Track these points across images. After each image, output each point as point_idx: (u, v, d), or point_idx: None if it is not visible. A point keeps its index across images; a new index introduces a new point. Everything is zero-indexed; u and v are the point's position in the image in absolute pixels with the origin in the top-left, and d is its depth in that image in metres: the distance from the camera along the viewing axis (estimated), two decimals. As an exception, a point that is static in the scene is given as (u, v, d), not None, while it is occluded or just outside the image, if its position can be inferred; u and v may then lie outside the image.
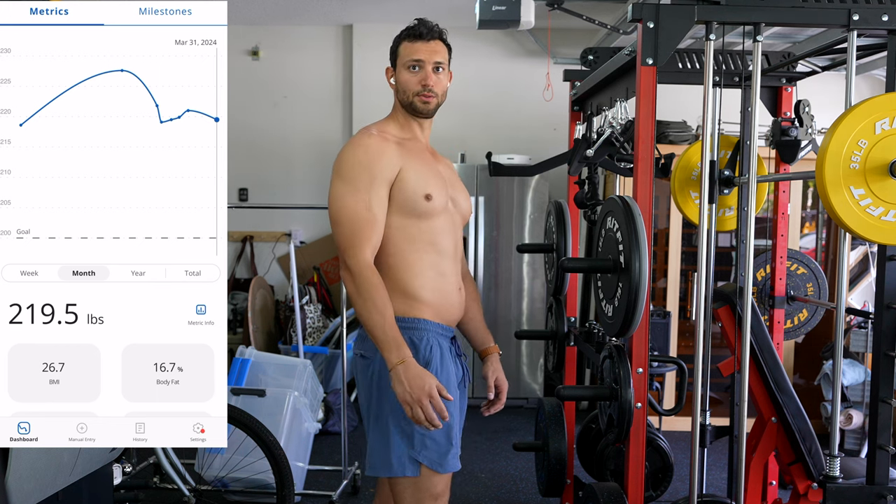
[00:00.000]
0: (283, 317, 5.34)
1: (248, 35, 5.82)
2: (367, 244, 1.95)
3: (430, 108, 2.09)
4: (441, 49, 2.09)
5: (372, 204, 1.97)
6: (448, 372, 2.04)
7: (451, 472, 2.04)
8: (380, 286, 1.93)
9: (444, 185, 2.08)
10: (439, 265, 2.05)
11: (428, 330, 2.03)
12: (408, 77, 2.07)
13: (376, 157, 1.99)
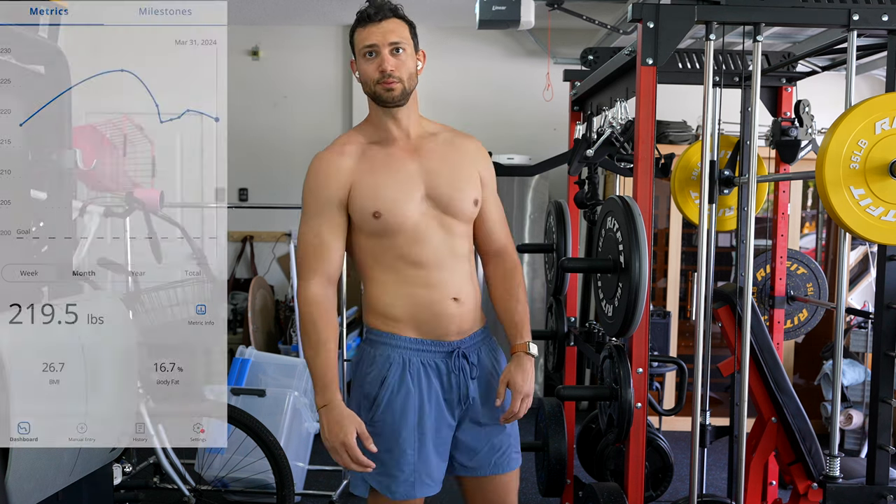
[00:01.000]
0: (283, 317, 5.34)
1: (248, 35, 5.81)
2: (311, 274, 1.91)
3: (395, 96, 1.89)
4: (397, 27, 1.89)
5: (322, 230, 1.91)
6: (408, 391, 1.91)
7: (408, 499, 1.92)
8: (318, 321, 1.88)
9: (411, 191, 1.91)
10: (416, 278, 1.91)
11: (394, 346, 1.93)
12: (365, 66, 1.91)
13: (323, 181, 1.93)
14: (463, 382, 1.97)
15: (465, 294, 1.96)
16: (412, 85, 1.94)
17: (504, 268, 2.07)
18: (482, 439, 2.02)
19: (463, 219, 1.97)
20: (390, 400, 1.93)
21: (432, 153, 1.98)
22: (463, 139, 2.05)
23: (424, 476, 1.94)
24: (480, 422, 2.01)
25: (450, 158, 1.99)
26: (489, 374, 2.03)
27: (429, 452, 1.94)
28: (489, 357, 2.05)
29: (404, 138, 1.98)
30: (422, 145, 1.99)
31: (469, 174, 1.99)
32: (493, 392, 2.02)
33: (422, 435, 1.93)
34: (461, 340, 1.98)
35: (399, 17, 1.92)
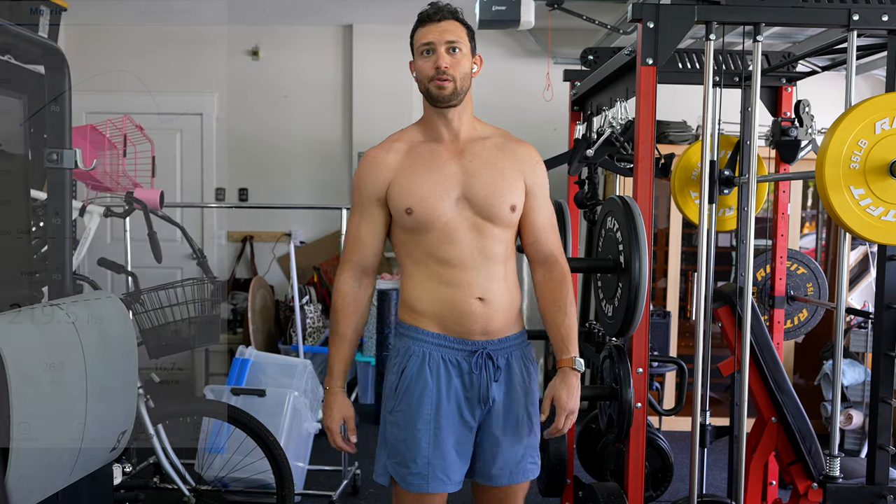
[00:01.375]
0: (283, 317, 5.34)
1: (248, 35, 5.81)
2: (347, 265, 2.03)
3: (446, 94, 1.92)
4: (455, 28, 1.94)
5: (361, 224, 2.01)
6: (425, 383, 1.94)
7: (420, 493, 1.95)
8: (342, 312, 2.01)
9: (446, 190, 1.93)
10: (443, 275, 1.94)
11: (416, 339, 1.97)
12: (422, 63, 1.94)
13: (366, 177, 2.00)
14: (484, 383, 1.97)
15: (493, 295, 1.96)
16: (465, 86, 1.96)
17: (552, 277, 2.05)
18: (502, 448, 2.00)
19: (498, 223, 1.97)
20: (407, 391, 1.96)
21: (477, 156, 1.99)
22: (515, 145, 2.04)
23: (439, 471, 1.95)
24: (501, 428, 2.00)
25: (494, 163, 1.99)
26: (516, 381, 2.01)
27: (446, 448, 1.95)
28: (520, 364, 2.03)
29: (453, 139, 2.00)
30: (468, 148, 2.00)
31: (511, 180, 1.98)
32: (517, 399, 2.01)
33: (438, 429, 1.94)
34: (487, 341, 1.97)
35: (458, 19, 1.98)
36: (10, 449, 1.55)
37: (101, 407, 1.88)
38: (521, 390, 2.01)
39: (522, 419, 2.01)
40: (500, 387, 1.99)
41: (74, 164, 2.03)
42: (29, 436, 1.61)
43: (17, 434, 1.56)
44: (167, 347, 2.88)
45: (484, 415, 1.99)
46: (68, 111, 2.01)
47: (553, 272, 2.04)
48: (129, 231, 3.57)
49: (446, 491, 1.97)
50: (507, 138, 2.05)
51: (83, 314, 1.87)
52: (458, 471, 1.99)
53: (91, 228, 3.03)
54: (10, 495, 1.55)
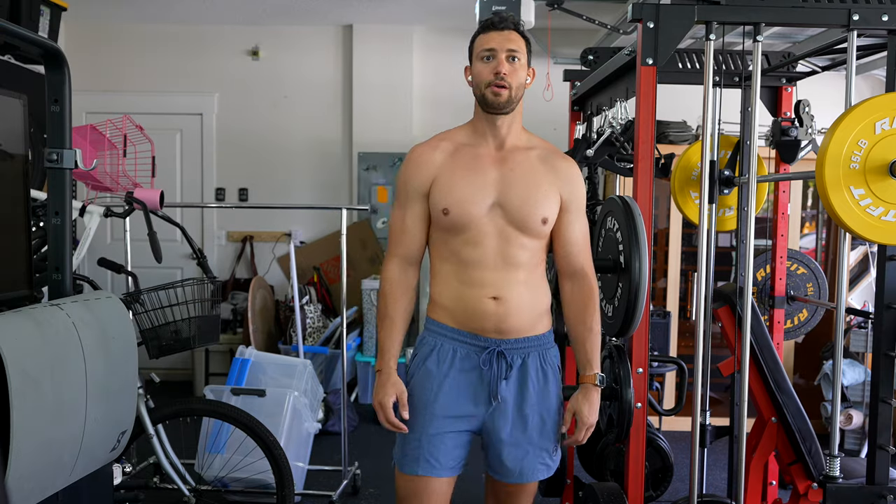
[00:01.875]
0: (283, 317, 5.34)
1: (248, 35, 5.82)
2: (393, 256, 2.09)
3: (502, 101, 1.97)
4: (516, 38, 2.01)
5: (406, 217, 2.07)
6: (427, 371, 2.03)
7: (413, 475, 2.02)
8: (389, 297, 2.06)
9: (482, 196, 1.98)
10: (463, 274, 2.00)
11: (435, 332, 2.06)
12: (480, 68, 2.00)
13: (413, 172, 2.06)
14: (493, 380, 2.01)
15: (510, 295, 1.99)
16: (519, 95, 2.02)
17: (580, 292, 2.08)
18: (509, 447, 2.03)
19: (527, 233, 2.00)
20: (414, 377, 2.08)
21: (518, 165, 2.03)
22: (557, 159, 2.07)
23: (429, 456, 2.00)
24: (511, 426, 2.02)
25: (533, 174, 2.03)
26: (530, 382, 2.03)
27: (440, 436, 2.01)
28: (536, 366, 2.05)
29: (498, 146, 2.05)
30: (510, 156, 2.04)
31: (547, 193, 2.02)
32: (529, 400, 2.03)
33: (433, 415, 2.01)
34: (502, 340, 2.01)
35: (520, 32, 2.04)
36: (10, 449, 1.55)
37: (101, 407, 1.88)
38: (535, 391, 2.04)
39: (535, 420, 2.04)
40: (512, 385, 2.02)
41: (74, 164, 2.03)
42: (29, 436, 1.61)
43: (17, 434, 1.56)
44: (167, 347, 2.88)
45: (492, 410, 2.02)
46: (68, 111, 2.01)
47: (582, 287, 2.07)
48: (129, 231, 3.57)
49: (435, 476, 2.02)
50: (551, 152, 2.09)
51: (83, 314, 1.87)
52: (452, 458, 2.03)
53: (91, 228, 3.03)
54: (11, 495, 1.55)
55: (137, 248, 3.53)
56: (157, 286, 2.86)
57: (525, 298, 2.01)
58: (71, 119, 2.03)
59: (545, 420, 2.04)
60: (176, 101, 5.85)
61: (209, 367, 5.46)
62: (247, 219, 5.88)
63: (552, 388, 2.07)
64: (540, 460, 2.06)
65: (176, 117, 5.85)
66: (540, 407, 2.04)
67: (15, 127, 1.94)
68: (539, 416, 2.04)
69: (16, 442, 1.56)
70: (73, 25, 5.67)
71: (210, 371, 5.46)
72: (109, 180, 3.33)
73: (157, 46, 5.83)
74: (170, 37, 5.82)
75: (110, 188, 3.37)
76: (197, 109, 5.88)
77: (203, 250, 3.34)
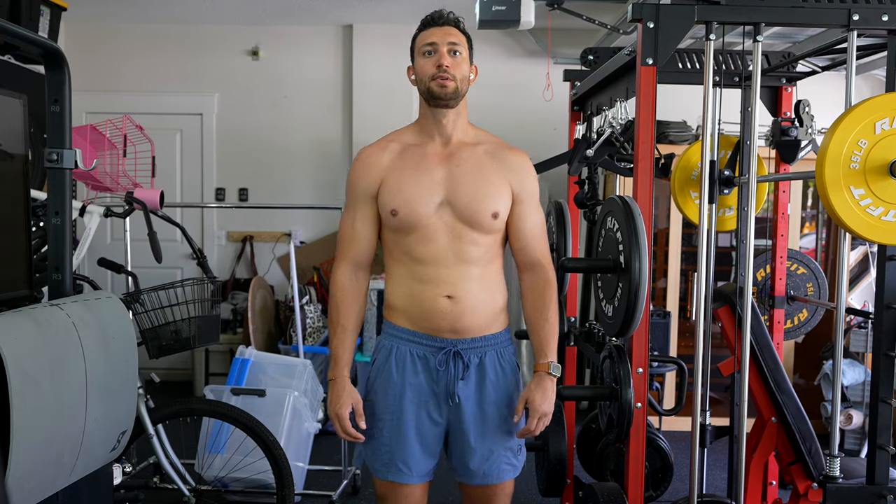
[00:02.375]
0: (283, 317, 5.34)
1: (248, 35, 5.81)
2: (342, 260, 2.08)
3: (448, 92, 1.96)
4: (456, 33, 2.01)
5: (356, 220, 2.07)
6: (389, 375, 2.02)
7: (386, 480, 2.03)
8: (341, 304, 2.05)
9: (430, 195, 1.98)
10: (416, 273, 2.00)
11: (390, 334, 2.06)
12: (423, 63, 2.00)
13: (360, 175, 2.06)
14: (450, 381, 2.00)
15: (464, 294, 1.99)
16: (464, 89, 2.01)
17: (536, 284, 2.08)
18: (472, 446, 2.03)
19: (479, 229, 2.00)
20: (373, 382, 2.07)
21: (465, 161, 2.02)
22: (506, 152, 2.07)
23: (399, 462, 2.01)
24: (470, 428, 2.02)
25: (481, 169, 2.02)
26: (489, 381, 2.03)
27: (409, 441, 2.01)
28: (494, 364, 2.05)
29: (444, 143, 2.05)
30: (458, 152, 2.04)
31: (496, 187, 2.01)
32: (489, 399, 2.03)
33: (400, 421, 2.01)
34: (458, 339, 2.01)
35: (460, 28, 2.04)
36: (10, 449, 1.55)
37: (101, 407, 1.88)
38: (495, 390, 2.04)
39: (496, 419, 2.03)
40: (469, 385, 2.02)
41: (74, 164, 2.03)
42: (29, 436, 1.61)
43: (17, 434, 1.56)
44: (167, 347, 2.88)
45: (452, 412, 2.02)
46: (68, 111, 2.00)
47: (538, 278, 2.07)
48: (129, 231, 3.57)
49: (407, 482, 2.03)
50: (499, 145, 2.08)
51: (83, 314, 1.87)
52: (423, 463, 2.04)
53: (91, 228, 3.03)
54: (11, 495, 1.55)
55: (137, 248, 3.53)
56: (157, 286, 2.86)
57: (480, 297, 2.01)
58: (71, 119, 2.03)
59: (507, 419, 2.04)
60: (176, 101, 5.85)
61: (209, 367, 5.46)
62: (247, 219, 5.88)
63: (512, 386, 2.07)
64: (505, 461, 2.06)
65: (176, 117, 5.85)
66: (501, 406, 2.04)
67: (15, 127, 1.93)
68: (500, 415, 2.04)
69: (16, 442, 1.56)
70: (73, 25, 5.67)
71: (210, 371, 5.46)
72: (109, 180, 3.33)
73: (157, 46, 5.83)
74: (170, 37, 5.82)
75: (110, 188, 3.37)
76: (197, 109, 5.88)
77: (203, 250, 3.34)
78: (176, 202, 5.67)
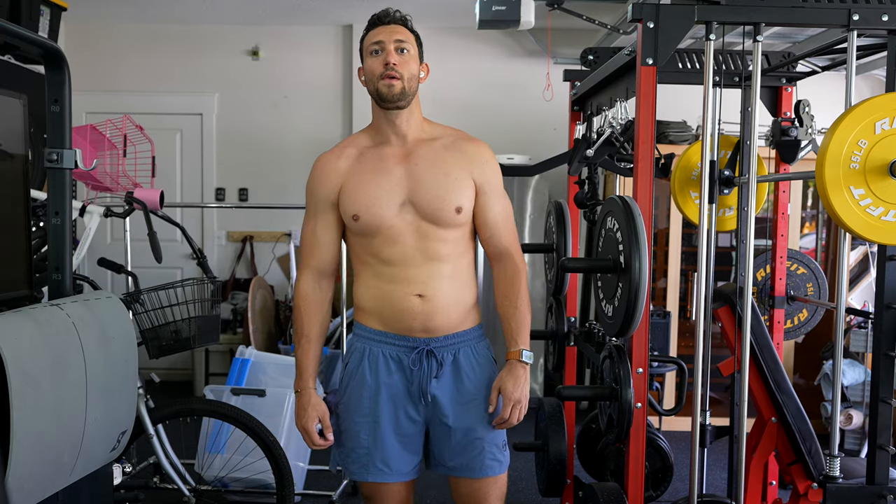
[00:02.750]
0: (283, 317, 5.34)
1: (248, 35, 5.82)
2: (305, 268, 2.06)
3: (396, 92, 1.94)
4: (403, 31, 1.98)
5: (317, 228, 2.06)
6: (363, 378, 2.02)
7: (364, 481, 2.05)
8: (304, 316, 2.04)
9: (390, 196, 1.97)
10: (384, 273, 1.99)
11: (361, 336, 2.06)
12: (371, 62, 1.97)
13: (319, 182, 2.04)
14: (424, 380, 2.00)
15: (435, 292, 1.98)
16: (412, 87, 1.98)
17: (505, 273, 2.09)
18: (454, 441, 2.03)
19: (443, 225, 1.99)
20: (347, 385, 2.07)
21: (423, 159, 2.01)
22: (465, 143, 2.05)
23: (379, 462, 2.02)
24: (450, 423, 2.03)
25: (440, 164, 2.00)
26: (465, 377, 2.04)
27: (387, 441, 2.02)
28: (469, 361, 2.05)
29: (400, 142, 2.03)
30: (416, 150, 2.02)
31: (457, 182, 2.00)
32: (466, 394, 2.03)
33: (376, 422, 2.01)
34: (430, 338, 2.01)
35: (407, 26, 2.01)
36: (10, 449, 1.55)
37: (101, 407, 1.88)
38: (473, 386, 2.04)
39: (475, 415, 2.03)
40: (445, 383, 2.02)
41: (74, 164, 2.03)
42: (29, 436, 1.61)
43: (17, 434, 1.56)
44: (167, 347, 2.88)
45: (429, 409, 2.03)
46: (68, 111, 2.01)
47: (507, 267, 2.08)
48: (129, 231, 3.57)
49: (388, 481, 2.03)
50: (457, 137, 2.07)
51: (83, 314, 1.87)
52: (404, 462, 2.04)
53: (91, 228, 3.03)
54: (11, 495, 1.55)
55: (137, 248, 3.53)
56: (157, 286, 2.86)
57: (451, 295, 2.00)
58: (71, 119, 2.03)
59: (486, 411, 2.04)
60: (176, 101, 5.85)
61: (209, 367, 5.46)
62: (247, 219, 5.88)
63: (489, 380, 2.06)
64: (490, 456, 2.05)
65: (176, 117, 5.85)
66: (480, 398, 2.04)
67: (15, 127, 1.94)
68: (481, 407, 2.03)
69: (16, 442, 1.57)
70: (73, 25, 5.68)
71: (210, 371, 5.46)
72: (109, 180, 3.33)
73: (158, 46, 5.83)
74: (170, 37, 5.82)
75: (110, 188, 3.37)
76: (197, 109, 5.88)
77: (203, 250, 3.34)
78: (176, 202, 5.67)
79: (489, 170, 2.06)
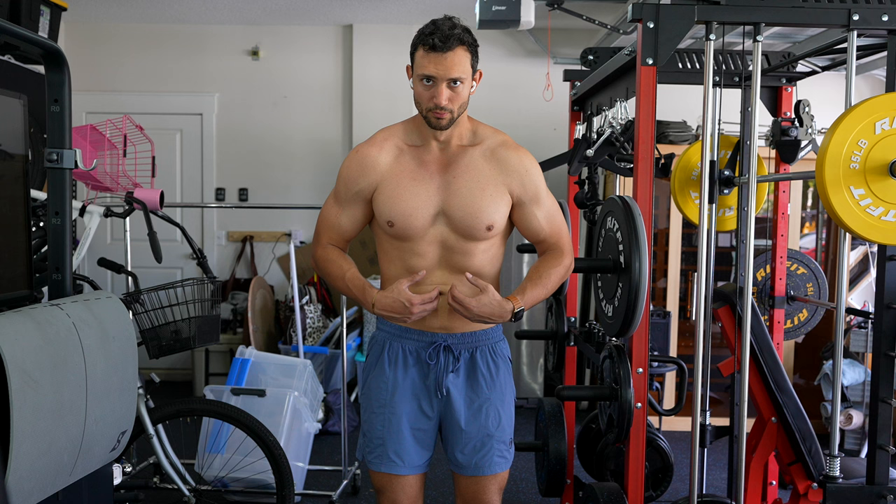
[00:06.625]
0: (283, 317, 5.34)
1: (248, 35, 5.81)
2: (319, 244, 2.12)
3: (443, 124, 1.94)
4: (459, 61, 1.89)
5: (342, 216, 2.08)
6: (381, 371, 2.06)
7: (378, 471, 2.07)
8: (331, 262, 2.06)
9: (426, 207, 1.97)
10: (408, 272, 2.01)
11: (382, 329, 2.10)
12: (420, 90, 1.94)
13: (357, 174, 2.03)
14: (440, 374, 2.03)
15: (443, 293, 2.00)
16: (461, 112, 1.98)
17: (552, 253, 2.09)
18: (466, 444, 2.06)
19: (474, 239, 2.01)
20: (367, 377, 2.12)
21: (462, 172, 1.99)
22: (506, 153, 2.02)
23: (392, 454, 2.05)
24: (462, 427, 2.05)
25: (477, 179, 1.99)
26: (480, 375, 2.06)
27: (402, 434, 2.05)
28: (485, 359, 2.07)
29: (442, 148, 2.03)
30: (456, 160, 2.01)
31: (492, 197, 1.98)
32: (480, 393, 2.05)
33: (392, 414, 2.05)
34: (449, 335, 2.04)
35: (465, 43, 1.91)
36: (10, 449, 1.55)
37: (101, 407, 1.88)
38: (487, 384, 2.06)
39: (487, 413, 2.05)
40: (459, 379, 2.05)
41: (74, 164, 2.03)
42: (29, 436, 1.61)
43: (17, 434, 1.56)
44: (167, 347, 2.88)
45: (443, 405, 2.06)
46: (68, 111, 2.00)
47: (554, 252, 2.09)
48: (129, 231, 3.57)
49: (399, 473, 2.06)
50: (499, 144, 2.03)
51: (83, 314, 1.87)
52: (416, 455, 2.07)
53: (91, 228, 3.03)
54: (11, 495, 1.55)
55: (137, 248, 3.53)
56: (157, 286, 2.86)
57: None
58: (71, 119, 2.03)
59: (500, 411, 2.07)
60: (176, 101, 5.85)
61: (209, 367, 5.46)
62: (247, 219, 5.88)
63: (504, 379, 2.09)
64: (498, 453, 2.08)
65: (176, 117, 5.85)
66: (494, 398, 2.06)
67: (15, 127, 1.93)
68: (494, 407, 2.06)
69: (16, 442, 1.56)
70: (73, 25, 5.67)
71: (210, 371, 5.46)
72: (109, 180, 3.33)
73: (158, 46, 5.83)
74: (170, 37, 5.82)
75: (110, 188, 3.37)
76: (197, 109, 5.88)
77: (203, 250, 3.34)
78: (176, 202, 5.67)
79: (528, 180, 2.02)
